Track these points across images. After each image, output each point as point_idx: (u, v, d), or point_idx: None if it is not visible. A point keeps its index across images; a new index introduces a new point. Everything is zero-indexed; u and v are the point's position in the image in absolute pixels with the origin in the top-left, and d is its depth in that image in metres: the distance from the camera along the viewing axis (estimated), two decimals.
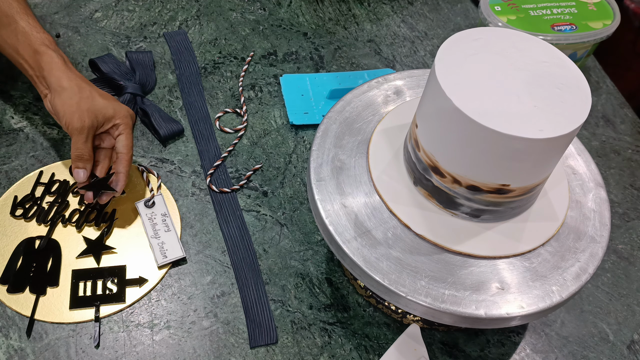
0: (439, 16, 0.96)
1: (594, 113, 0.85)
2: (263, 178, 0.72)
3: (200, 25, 0.89)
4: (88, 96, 0.62)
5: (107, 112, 0.63)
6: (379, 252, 0.50)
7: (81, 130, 0.61)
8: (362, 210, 0.53)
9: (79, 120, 0.61)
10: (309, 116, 0.78)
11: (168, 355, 0.57)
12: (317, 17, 0.93)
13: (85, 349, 0.57)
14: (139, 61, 0.81)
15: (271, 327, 0.60)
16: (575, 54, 0.84)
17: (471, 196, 0.49)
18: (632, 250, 0.70)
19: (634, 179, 0.77)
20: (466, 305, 0.48)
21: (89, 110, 0.62)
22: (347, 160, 0.56)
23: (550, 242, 0.52)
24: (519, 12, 0.84)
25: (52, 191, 0.67)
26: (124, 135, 0.64)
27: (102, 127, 0.64)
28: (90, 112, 0.62)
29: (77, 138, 0.61)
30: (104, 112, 0.63)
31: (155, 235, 0.64)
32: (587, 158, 0.60)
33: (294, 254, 0.66)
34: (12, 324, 0.58)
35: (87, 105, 0.62)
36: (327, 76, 0.84)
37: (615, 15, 0.85)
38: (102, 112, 0.63)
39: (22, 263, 0.61)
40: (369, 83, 0.63)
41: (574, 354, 0.61)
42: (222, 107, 0.79)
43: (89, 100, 0.62)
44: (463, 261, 0.50)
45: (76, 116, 0.61)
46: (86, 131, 0.61)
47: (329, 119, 0.59)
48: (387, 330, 0.61)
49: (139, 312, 0.60)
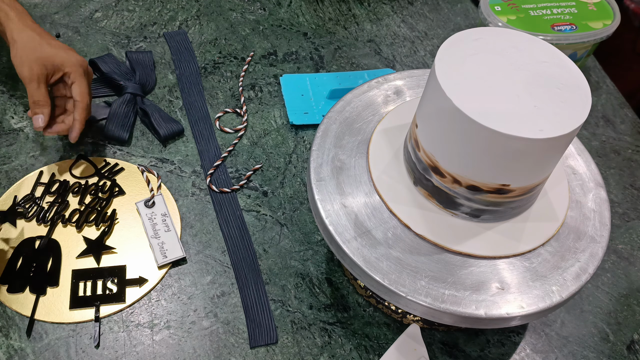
0: (439, 16, 0.96)
1: (594, 113, 0.85)
2: (263, 178, 0.72)
3: (200, 25, 0.89)
4: (36, 46, 0.66)
5: (55, 60, 0.66)
6: (379, 252, 0.50)
7: (31, 79, 0.64)
8: (362, 210, 0.53)
9: (28, 69, 0.64)
10: (309, 116, 0.78)
11: (168, 355, 0.57)
12: (317, 17, 0.93)
13: (85, 349, 0.57)
14: (139, 61, 0.81)
15: (271, 327, 0.60)
16: (575, 54, 0.84)
17: (471, 196, 0.49)
18: (632, 250, 0.70)
19: (634, 179, 0.77)
20: (466, 305, 0.48)
21: (38, 58, 0.65)
22: (347, 160, 0.56)
23: (550, 242, 0.52)
24: (519, 12, 0.84)
25: (52, 191, 0.67)
26: (77, 84, 0.67)
27: (53, 76, 0.67)
28: (39, 60, 0.65)
29: (29, 86, 0.64)
30: (52, 61, 0.66)
31: (155, 235, 0.64)
32: (587, 158, 0.60)
33: (294, 254, 0.66)
34: (12, 324, 0.58)
35: (35, 54, 0.65)
36: (327, 76, 0.84)
37: (615, 15, 0.85)
38: (49, 60, 0.66)
39: (22, 263, 0.61)
40: (369, 83, 0.63)
41: (574, 354, 0.61)
42: (222, 107, 0.79)
43: (37, 50, 0.65)
44: (463, 261, 0.50)
45: (26, 66, 0.64)
46: (36, 78, 0.65)
47: (329, 119, 0.59)
48: (387, 330, 0.61)
49: (139, 312, 0.60)
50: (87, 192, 0.68)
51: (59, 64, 0.66)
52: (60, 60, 0.66)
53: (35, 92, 0.64)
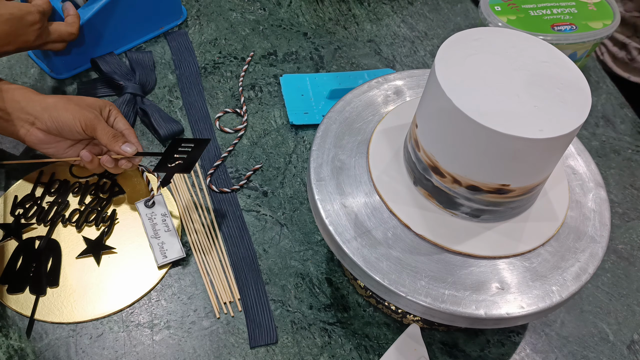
0: (439, 16, 0.96)
1: (594, 113, 0.85)
2: (263, 178, 0.72)
3: (200, 25, 0.89)
4: (76, 98, 0.65)
5: (98, 102, 0.66)
6: (379, 252, 0.50)
7: (98, 118, 0.63)
8: (362, 210, 0.53)
9: (90, 112, 0.63)
10: (309, 116, 0.78)
11: (168, 355, 0.57)
12: (317, 17, 0.93)
13: (85, 349, 0.57)
14: (139, 61, 0.81)
15: (271, 327, 0.60)
16: (575, 54, 0.84)
17: (471, 196, 0.49)
18: (632, 250, 0.70)
19: (634, 179, 0.77)
20: (466, 305, 0.48)
21: (88, 105, 0.64)
22: (347, 160, 0.56)
23: (550, 242, 0.52)
24: (519, 12, 0.84)
25: (52, 191, 0.67)
26: (119, 118, 0.67)
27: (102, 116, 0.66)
28: (90, 106, 0.64)
29: (100, 124, 0.63)
30: (97, 104, 0.66)
31: (155, 235, 0.64)
32: (587, 158, 0.60)
33: (294, 254, 0.66)
34: (12, 324, 0.58)
35: (83, 102, 0.64)
36: (327, 76, 0.84)
37: (615, 15, 0.85)
38: (96, 103, 0.66)
39: (22, 263, 0.61)
40: (369, 83, 0.63)
41: (574, 354, 0.61)
42: (222, 107, 0.79)
43: (80, 100, 0.65)
44: (463, 261, 0.50)
45: (85, 112, 0.63)
46: (101, 117, 0.64)
47: (329, 119, 0.59)
48: (387, 330, 0.61)
49: (139, 312, 0.60)
50: (87, 192, 0.68)
51: (102, 104, 0.66)
52: (102, 102, 0.66)
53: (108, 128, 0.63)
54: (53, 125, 0.62)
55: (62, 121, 0.62)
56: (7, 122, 0.63)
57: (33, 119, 0.63)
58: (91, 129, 0.63)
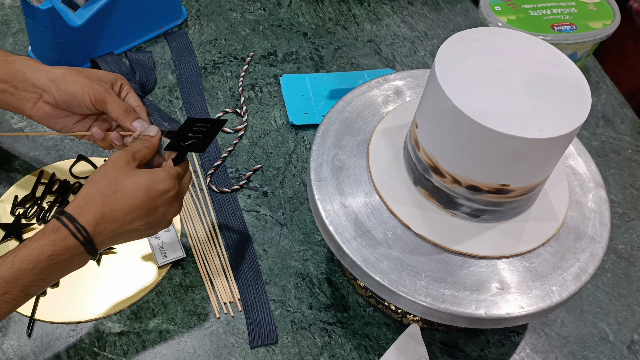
0: (439, 16, 0.96)
1: (594, 113, 0.85)
2: (263, 178, 0.72)
3: (200, 25, 0.89)
4: (85, 70, 0.60)
5: (109, 76, 0.61)
6: (379, 252, 0.50)
7: (109, 92, 0.58)
8: (362, 210, 0.53)
9: (99, 85, 0.58)
10: (309, 116, 0.78)
11: (168, 355, 0.57)
12: (317, 17, 0.93)
13: (85, 349, 0.57)
14: (139, 61, 0.81)
15: (271, 327, 0.60)
16: (575, 54, 0.84)
17: (471, 196, 0.49)
18: (632, 250, 0.70)
19: (634, 179, 0.77)
20: (466, 305, 0.48)
21: (98, 78, 0.60)
22: (347, 160, 0.56)
23: (550, 242, 0.52)
24: (519, 12, 0.84)
25: (52, 191, 0.67)
26: (131, 94, 0.62)
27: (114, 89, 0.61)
28: (100, 79, 0.60)
29: (110, 98, 0.58)
30: (108, 77, 0.61)
31: (155, 236, 0.64)
32: (587, 158, 0.60)
33: (294, 254, 0.66)
34: (12, 324, 0.58)
35: (93, 75, 0.60)
36: (327, 76, 0.84)
37: (615, 15, 0.85)
38: (107, 77, 0.61)
39: None
40: (369, 83, 0.63)
41: (574, 354, 0.61)
42: (222, 107, 0.79)
43: (89, 72, 0.60)
44: (463, 261, 0.50)
45: (95, 84, 0.58)
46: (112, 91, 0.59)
47: (329, 119, 0.59)
48: (387, 330, 0.61)
49: (139, 312, 0.60)
50: None
51: (114, 78, 0.61)
52: (113, 76, 0.61)
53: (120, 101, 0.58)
54: (62, 98, 0.58)
55: (71, 94, 0.58)
56: (12, 96, 0.58)
57: (40, 92, 0.58)
58: (101, 102, 0.58)
